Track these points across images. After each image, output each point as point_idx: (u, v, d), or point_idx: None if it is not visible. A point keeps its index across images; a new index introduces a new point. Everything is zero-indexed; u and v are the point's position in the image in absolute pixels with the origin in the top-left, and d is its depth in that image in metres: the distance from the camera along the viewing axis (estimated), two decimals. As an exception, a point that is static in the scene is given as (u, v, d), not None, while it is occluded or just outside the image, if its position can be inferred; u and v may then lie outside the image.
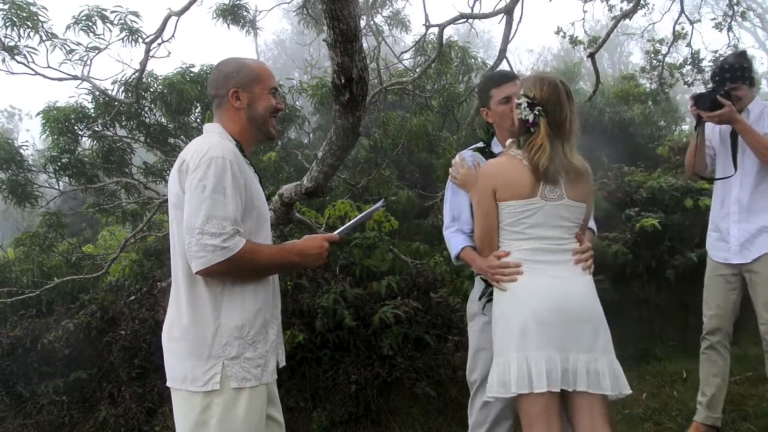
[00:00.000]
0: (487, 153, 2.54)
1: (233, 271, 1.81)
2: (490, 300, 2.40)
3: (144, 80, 5.53)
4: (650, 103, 7.87)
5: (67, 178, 6.07)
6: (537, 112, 2.11)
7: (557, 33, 7.60)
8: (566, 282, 2.12)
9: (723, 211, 3.15)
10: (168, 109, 5.81)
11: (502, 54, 5.40)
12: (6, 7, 4.80)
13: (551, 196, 2.13)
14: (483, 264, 2.28)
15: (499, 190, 2.16)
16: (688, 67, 7.34)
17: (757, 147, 2.93)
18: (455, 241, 2.48)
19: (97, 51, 5.21)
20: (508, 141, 2.26)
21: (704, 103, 2.92)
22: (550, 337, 2.05)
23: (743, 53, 3.19)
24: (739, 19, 7.64)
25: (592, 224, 2.69)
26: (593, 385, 2.04)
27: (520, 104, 2.16)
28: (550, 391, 2.02)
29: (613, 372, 2.09)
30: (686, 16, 6.68)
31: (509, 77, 2.50)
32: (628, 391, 2.11)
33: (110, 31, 5.24)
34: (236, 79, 1.96)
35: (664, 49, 7.32)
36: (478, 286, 2.51)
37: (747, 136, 2.94)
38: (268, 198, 3.63)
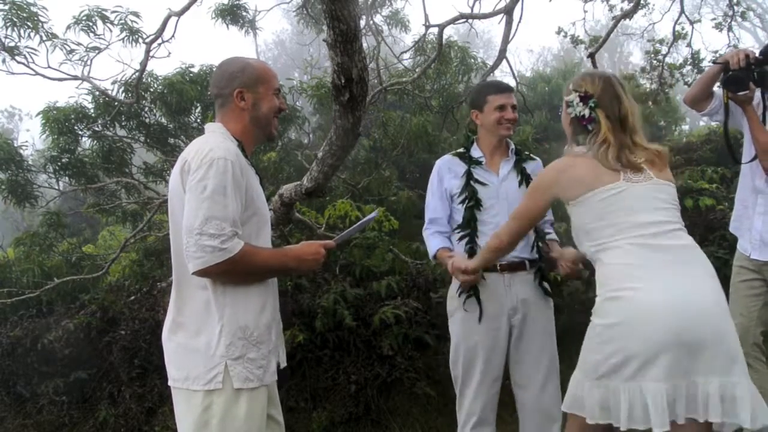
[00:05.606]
0: (466, 158, 2.62)
1: (230, 273, 1.80)
2: (470, 296, 2.52)
3: (144, 80, 5.53)
4: (650, 103, 7.86)
5: (67, 178, 6.07)
6: (592, 105, 1.91)
7: (558, 33, 7.61)
8: (689, 293, 1.74)
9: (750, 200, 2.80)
10: (168, 109, 5.81)
11: (502, 54, 5.40)
12: (6, 7, 4.80)
13: (635, 178, 1.84)
14: (450, 267, 2.45)
15: (568, 189, 1.89)
16: (689, 67, 7.34)
17: (760, 145, 2.63)
18: (433, 242, 2.65)
19: (97, 51, 5.22)
20: (567, 146, 2.02)
21: (731, 83, 2.62)
22: (672, 366, 1.69)
23: None
24: (739, 19, 7.64)
25: (553, 234, 2.71)
26: (730, 414, 1.68)
27: (571, 101, 1.94)
28: None
29: (753, 397, 1.71)
30: (686, 16, 6.68)
31: (509, 89, 2.64)
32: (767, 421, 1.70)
33: (110, 31, 5.26)
34: (241, 79, 1.95)
35: (664, 49, 7.33)
36: (455, 283, 2.60)
37: (753, 126, 2.66)
38: (268, 198, 3.63)
